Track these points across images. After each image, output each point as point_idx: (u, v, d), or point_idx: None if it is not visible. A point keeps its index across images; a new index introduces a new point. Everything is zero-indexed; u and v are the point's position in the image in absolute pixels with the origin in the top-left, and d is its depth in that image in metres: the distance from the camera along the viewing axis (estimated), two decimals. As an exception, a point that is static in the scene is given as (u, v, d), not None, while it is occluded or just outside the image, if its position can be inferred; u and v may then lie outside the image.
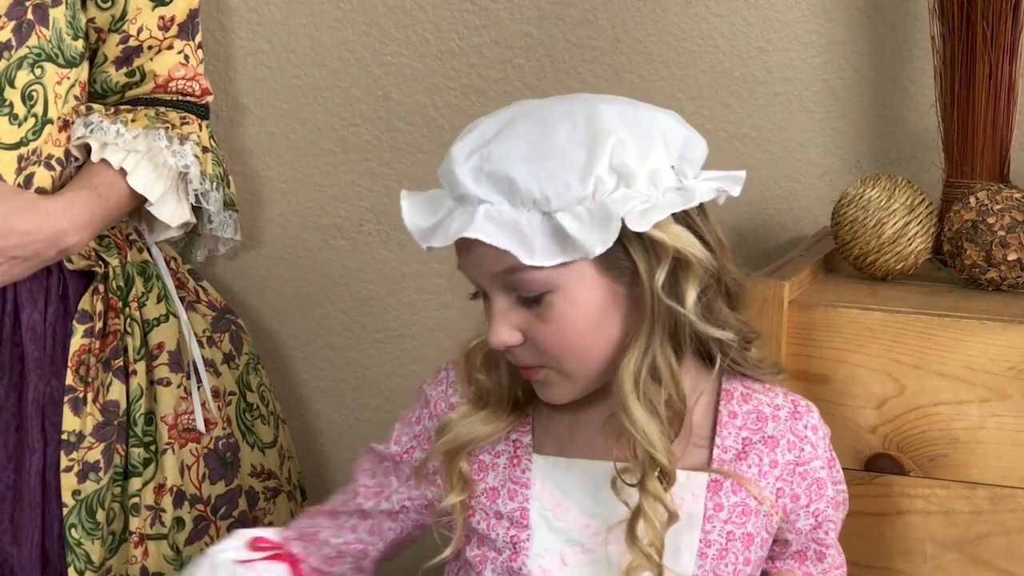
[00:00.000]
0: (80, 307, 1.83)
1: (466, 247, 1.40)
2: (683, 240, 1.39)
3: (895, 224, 1.76)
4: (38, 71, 1.79)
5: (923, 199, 1.78)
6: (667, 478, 1.42)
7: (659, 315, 1.40)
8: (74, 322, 1.82)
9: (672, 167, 1.40)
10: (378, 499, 1.58)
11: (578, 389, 1.45)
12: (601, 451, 1.48)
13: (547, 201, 1.36)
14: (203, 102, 1.96)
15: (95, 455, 1.82)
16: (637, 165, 1.38)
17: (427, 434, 1.55)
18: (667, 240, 1.38)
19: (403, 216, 1.44)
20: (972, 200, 1.75)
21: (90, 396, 1.82)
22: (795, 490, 1.49)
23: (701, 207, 1.43)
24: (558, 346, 1.41)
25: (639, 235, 1.38)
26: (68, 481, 1.80)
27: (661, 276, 1.39)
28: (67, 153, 1.85)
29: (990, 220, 1.73)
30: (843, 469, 1.67)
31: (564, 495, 1.49)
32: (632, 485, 1.43)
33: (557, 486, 1.49)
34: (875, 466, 1.68)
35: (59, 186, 1.84)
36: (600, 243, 1.35)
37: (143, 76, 1.91)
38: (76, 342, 1.82)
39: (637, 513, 1.43)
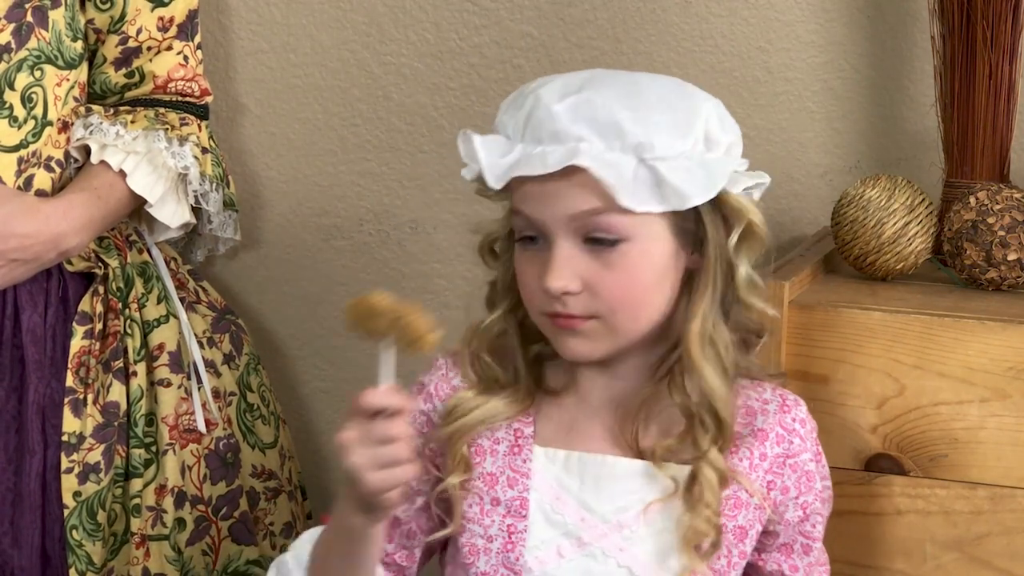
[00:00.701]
0: (80, 309, 1.83)
1: (540, 185, 1.41)
2: (756, 210, 1.46)
3: (895, 224, 1.76)
4: (38, 73, 1.79)
5: (923, 199, 1.78)
6: (724, 439, 1.46)
7: (719, 282, 1.46)
8: (74, 324, 1.82)
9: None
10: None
11: (613, 347, 1.46)
12: (600, 445, 1.50)
13: (651, 148, 1.40)
14: (203, 103, 1.96)
15: (95, 456, 1.82)
16: (721, 135, 1.45)
17: (428, 418, 1.54)
18: (746, 207, 1.45)
19: (476, 152, 1.44)
20: (972, 200, 1.75)
21: (90, 397, 1.82)
22: (785, 482, 1.51)
23: None
24: (618, 297, 1.43)
25: (713, 202, 1.44)
26: (69, 482, 1.80)
27: (734, 240, 1.45)
28: (67, 155, 1.85)
29: (990, 220, 1.73)
30: (843, 469, 1.67)
31: (562, 488, 1.49)
32: (686, 462, 1.46)
33: (556, 479, 1.49)
34: (875, 466, 1.68)
35: (59, 188, 1.84)
36: (701, 195, 1.41)
37: (142, 77, 1.91)
38: (76, 343, 1.82)
39: (693, 480, 1.45)
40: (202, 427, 1.90)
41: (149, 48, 1.90)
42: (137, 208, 1.89)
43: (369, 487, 1.36)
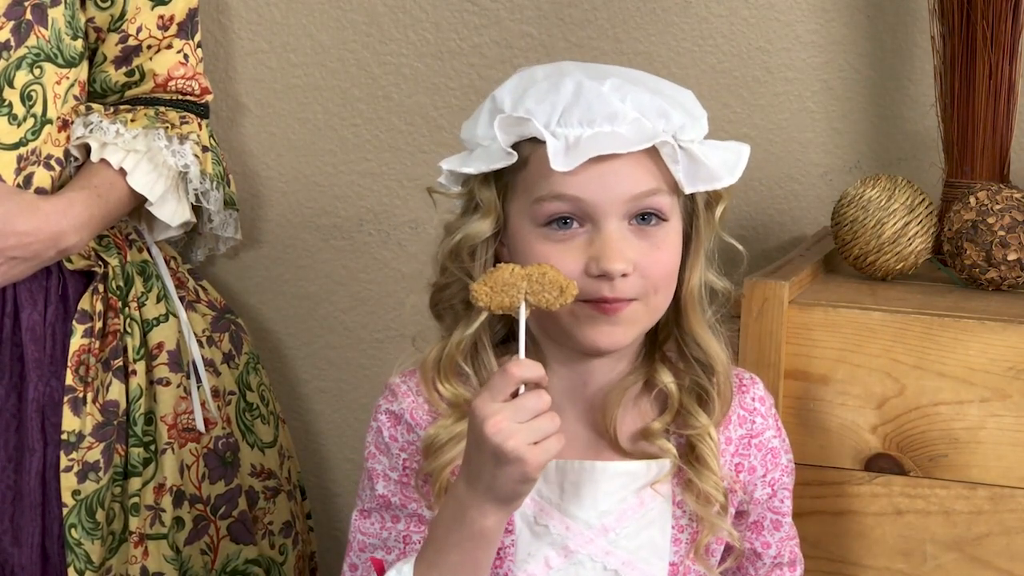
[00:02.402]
0: (80, 307, 1.83)
1: (596, 166, 1.41)
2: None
3: (895, 224, 1.76)
4: (37, 71, 1.79)
5: (923, 199, 1.78)
6: (720, 405, 1.48)
7: (706, 251, 1.50)
8: (74, 322, 1.82)
9: None
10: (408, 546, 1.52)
11: (642, 332, 1.47)
12: (574, 449, 1.49)
13: (684, 131, 1.43)
14: (203, 101, 1.96)
15: (95, 455, 1.82)
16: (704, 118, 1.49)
17: (416, 448, 1.50)
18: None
19: (536, 134, 1.42)
20: (972, 200, 1.75)
21: (90, 396, 1.82)
22: (752, 462, 1.52)
23: None
24: (663, 275, 1.45)
25: None
26: (68, 481, 1.80)
27: (719, 212, 1.49)
28: (66, 153, 1.85)
29: (990, 220, 1.73)
30: (843, 469, 1.67)
31: (543, 498, 1.48)
32: (681, 432, 1.48)
33: (536, 490, 1.48)
34: (875, 466, 1.68)
35: (59, 186, 1.84)
36: (729, 177, 1.45)
37: (142, 75, 1.91)
38: (76, 342, 1.82)
39: (692, 450, 1.47)
40: (201, 426, 1.90)
41: (149, 47, 1.90)
42: (137, 207, 1.89)
43: (533, 465, 1.32)
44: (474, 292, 1.37)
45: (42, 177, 1.82)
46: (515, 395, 1.34)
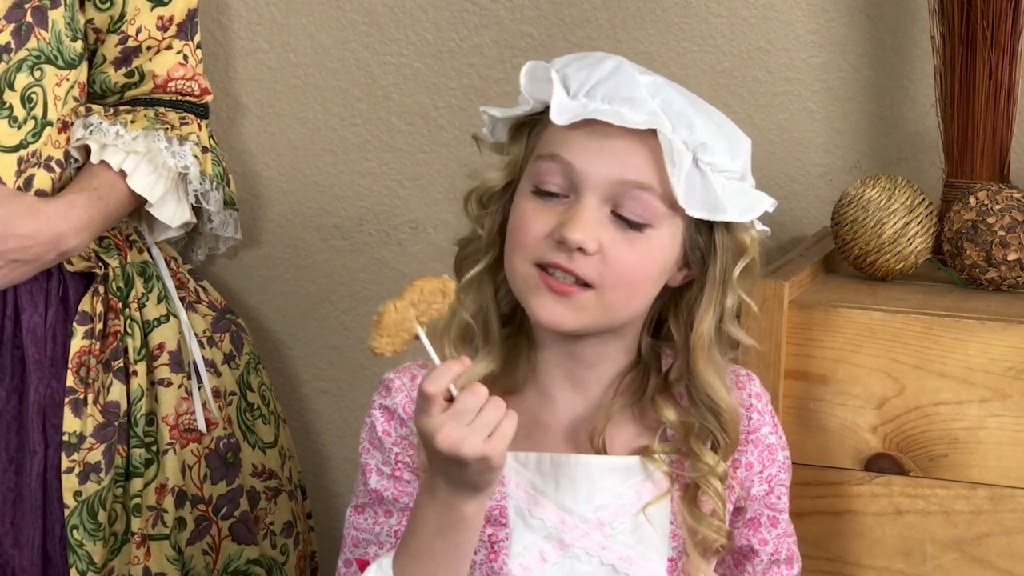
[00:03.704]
0: (80, 308, 1.83)
1: (599, 140, 1.42)
2: (758, 249, 1.50)
3: (895, 224, 1.76)
4: (37, 73, 1.79)
5: (923, 199, 1.78)
6: (729, 449, 1.48)
7: (716, 301, 1.48)
8: (74, 323, 1.82)
9: None
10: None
11: (590, 325, 1.45)
12: (569, 444, 1.49)
13: (708, 152, 1.43)
14: (202, 102, 1.96)
15: (96, 456, 1.82)
16: (750, 172, 1.50)
17: (408, 442, 1.50)
18: (756, 243, 1.49)
19: (551, 84, 1.44)
20: (972, 200, 1.75)
21: (91, 397, 1.82)
22: (749, 459, 1.53)
23: None
24: (626, 273, 1.43)
25: (728, 227, 1.47)
26: (69, 482, 1.80)
27: (738, 269, 1.48)
28: (67, 155, 1.85)
29: (990, 220, 1.73)
30: (843, 469, 1.67)
31: (537, 491, 1.49)
32: (683, 474, 1.48)
33: (529, 483, 1.49)
34: (875, 466, 1.68)
35: (59, 188, 1.84)
36: (739, 214, 1.45)
37: (142, 76, 1.91)
38: (76, 343, 1.82)
39: (697, 490, 1.47)
40: (202, 426, 1.91)
41: (149, 47, 1.90)
42: (137, 208, 1.89)
43: (495, 457, 1.33)
44: (373, 348, 1.38)
45: (42, 179, 1.82)
46: (451, 399, 1.34)
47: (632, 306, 1.46)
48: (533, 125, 1.49)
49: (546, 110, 1.44)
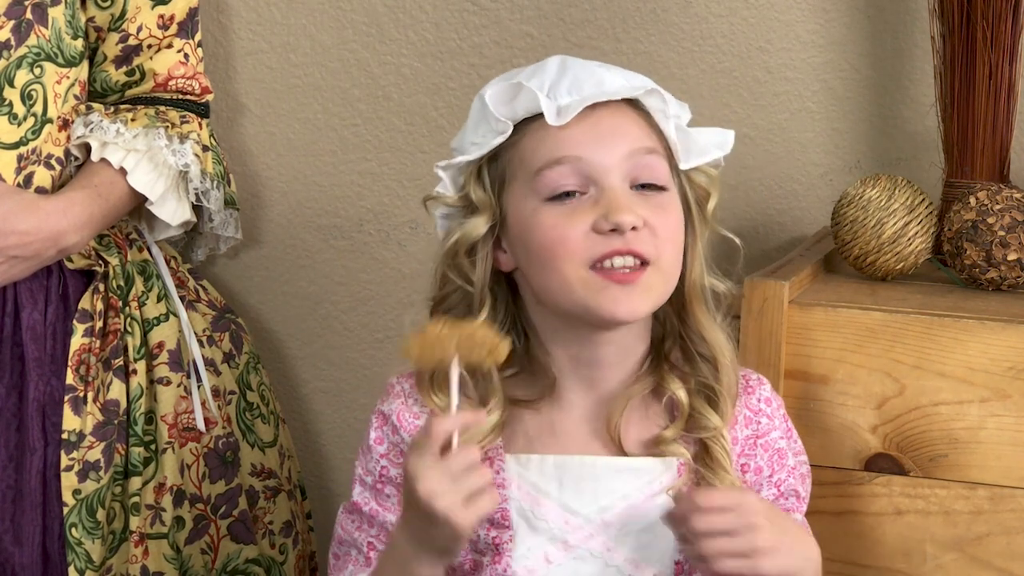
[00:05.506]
0: (80, 306, 1.83)
1: (594, 126, 1.44)
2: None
3: (895, 224, 1.76)
4: (37, 70, 1.79)
5: (923, 199, 1.78)
6: (722, 400, 1.49)
7: (703, 245, 1.51)
8: (74, 321, 1.82)
9: None
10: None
11: (660, 300, 1.47)
12: (580, 446, 1.49)
13: (671, 107, 1.49)
14: (203, 101, 1.96)
15: (95, 454, 1.82)
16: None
17: (400, 450, 1.51)
18: (714, 176, 1.53)
19: (534, 90, 1.47)
20: (972, 200, 1.75)
21: (90, 395, 1.82)
22: (758, 463, 1.52)
23: None
24: (671, 237, 1.46)
25: (692, 170, 1.52)
26: (68, 480, 1.80)
27: (712, 205, 1.52)
28: (67, 152, 1.85)
29: (990, 220, 1.73)
30: (843, 469, 1.67)
31: (540, 493, 1.48)
32: (693, 436, 1.48)
33: (532, 485, 1.48)
34: (875, 466, 1.68)
35: (59, 185, 1.84)
36: (722, 150, 1.51)
37: (143, 75, 1.91)
38: (76, 341, 1.82)
39: (706, 451, 1.48)
40: (201, 426, 1.90)
41: (149, 46, 1.90)
42: (137, 206, 1.89)
43: (462, 526, 1.33)
44: (405, 347, 1.37)
45: (42, 176, 1.82)
46: (448, 446, 1.34)
47: (678, 268, 1.48)
48: (491, 160, 1.49)
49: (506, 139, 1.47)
